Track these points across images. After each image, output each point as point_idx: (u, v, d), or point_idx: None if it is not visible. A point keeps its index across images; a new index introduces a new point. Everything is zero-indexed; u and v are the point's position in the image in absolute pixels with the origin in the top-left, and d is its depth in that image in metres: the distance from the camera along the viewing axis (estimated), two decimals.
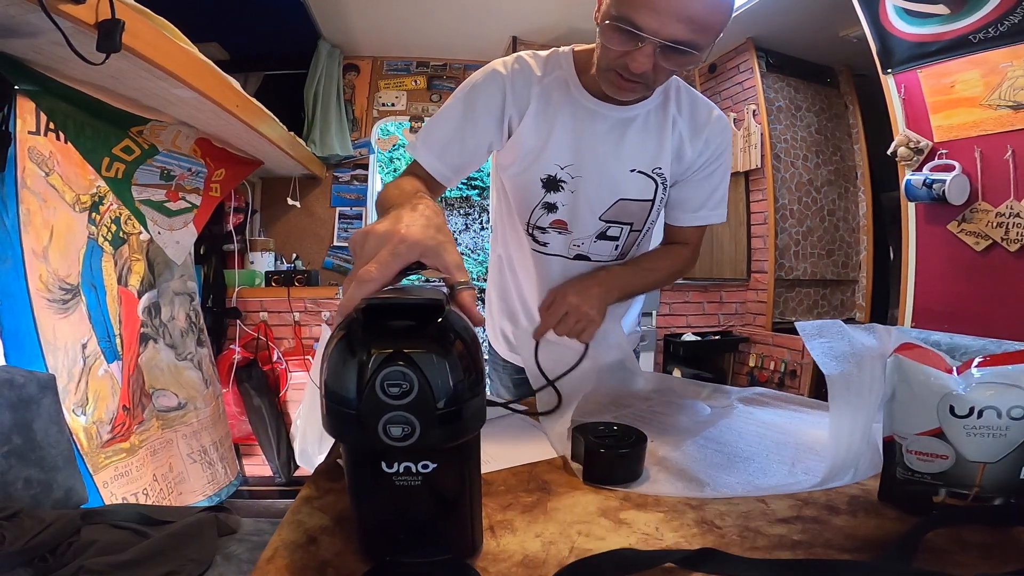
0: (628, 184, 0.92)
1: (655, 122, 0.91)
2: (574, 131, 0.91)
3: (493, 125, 0.91)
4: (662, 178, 0.93)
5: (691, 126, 0.92)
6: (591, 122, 0.90)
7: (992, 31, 1.72)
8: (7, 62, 1.36)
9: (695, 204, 0.97)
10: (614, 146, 0.91)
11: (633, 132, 0.91)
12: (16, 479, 1.24)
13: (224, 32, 2.69)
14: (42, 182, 1.58)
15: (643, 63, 0.74)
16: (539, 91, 0.90)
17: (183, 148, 2.08)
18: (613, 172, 0.92)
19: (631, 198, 0.93)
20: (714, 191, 0.97)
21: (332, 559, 0.43)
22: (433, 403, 0.37)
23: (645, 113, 0.91)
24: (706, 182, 0.96)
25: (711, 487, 0.55)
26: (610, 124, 0.90)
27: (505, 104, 0.90)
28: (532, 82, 0.90)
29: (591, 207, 0.94)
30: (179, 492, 2.12)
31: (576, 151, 0.91)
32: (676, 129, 0.92)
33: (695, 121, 0.92)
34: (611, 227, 0.96)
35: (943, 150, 1.92)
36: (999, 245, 1.80)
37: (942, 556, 0.42)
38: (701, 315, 3.43)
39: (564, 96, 0.90)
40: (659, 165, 0.92)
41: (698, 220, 0.99)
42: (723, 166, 0.96)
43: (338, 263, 3.29)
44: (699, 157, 0.93)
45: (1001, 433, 0.45)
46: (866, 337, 0.51)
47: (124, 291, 1.97)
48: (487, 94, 0.90)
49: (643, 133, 0.91)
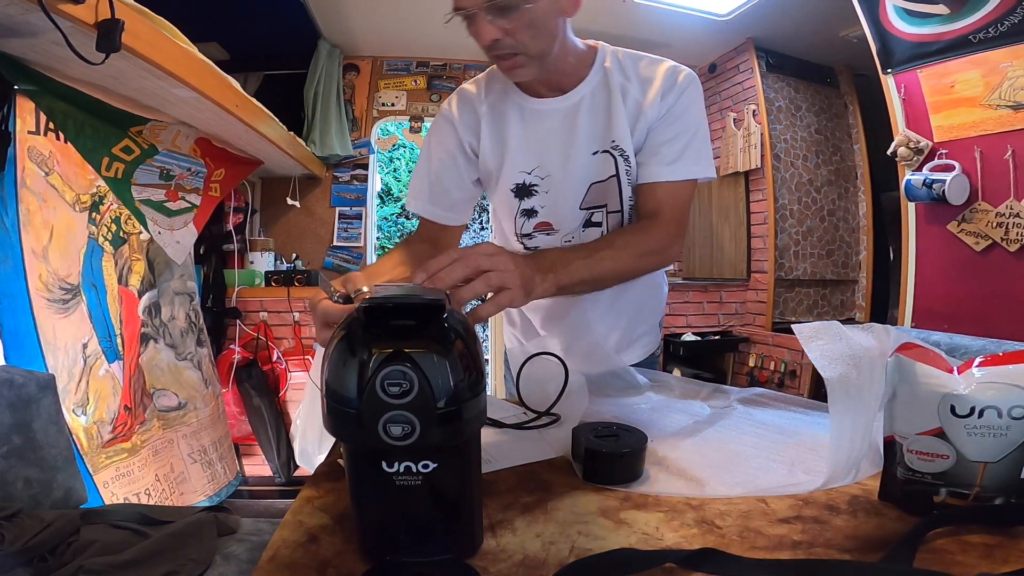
0: (593, 167, 0.92)
1: (600, 98, 0.91)
2: (526, 135, 0.93)
3: (461, 160, 0.97)
4: (619, 151, 0.91)
5: (642, 88, 0.90)
6: (540, 121, 0.93)
7: (992, 31, 1.72)
8: (7, 62, 1.36)
9: (671, 154, 0.88)
10: (569, 135, 0.92)
11: (583, 115, 0.91)
12: (16, 479, 1.24)
13: (224, 32, 2.69)
14: (42, 182, 1.58)
15: (485, 33, 0.77)
16: (486, 109, 0.95)
17: (183, 148, 2.08)
18: (576, 160, 0.92)
19: (599, 180, 0.93)
20: (691, 141, 0.89)
21: (333, 558, 0.43)
22: (433, 403, 0.37)
23: (589, 93, 0.91)
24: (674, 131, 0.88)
25: (711, 487, 0.55)
26: (559, 116, 0.92)
27: (460, 138, 0.96)
28: (476, 105, 0.95)
29: (569, 201, 0.95)
30: (180, 492, 2.12)
31: (536, 153, 0.93)
32: (629, 97, 0.89)
33: (645, 82, 0.90)
34: (594, 212, 0.96)
35: (943, 150, 1.92)
36: (999, 245, 1.80)
37: (943, 556, 0.42)
38: (701, 315, 3.43)
39: (508, 105, 0.94)
40: (614, 139, 0.90)
41: (677, 173, 0.88)
42: (693, 117, 0.90)
43: (338, 263, 3.29)
44: (660, 111, 0.89)
45: (1002, 433, 0.45)
46: (864, 338, 0.50)
47: (124, 291, 1.97)
48: (440, 136, 0.97)
49: (591, 113, 0.91)
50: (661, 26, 2.92)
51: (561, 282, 0.71)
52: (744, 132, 3.26)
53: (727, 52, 3.35)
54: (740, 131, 3.29)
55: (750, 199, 3.36)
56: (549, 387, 0.75)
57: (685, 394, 0.88)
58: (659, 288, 1.13)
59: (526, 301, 0.65)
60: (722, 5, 2.72)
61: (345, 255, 3.29)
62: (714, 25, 2.89)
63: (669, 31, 2.99)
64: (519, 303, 0.63)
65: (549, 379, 0.76)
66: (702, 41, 3.20)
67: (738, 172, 3.34)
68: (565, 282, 0.72)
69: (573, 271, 0.73)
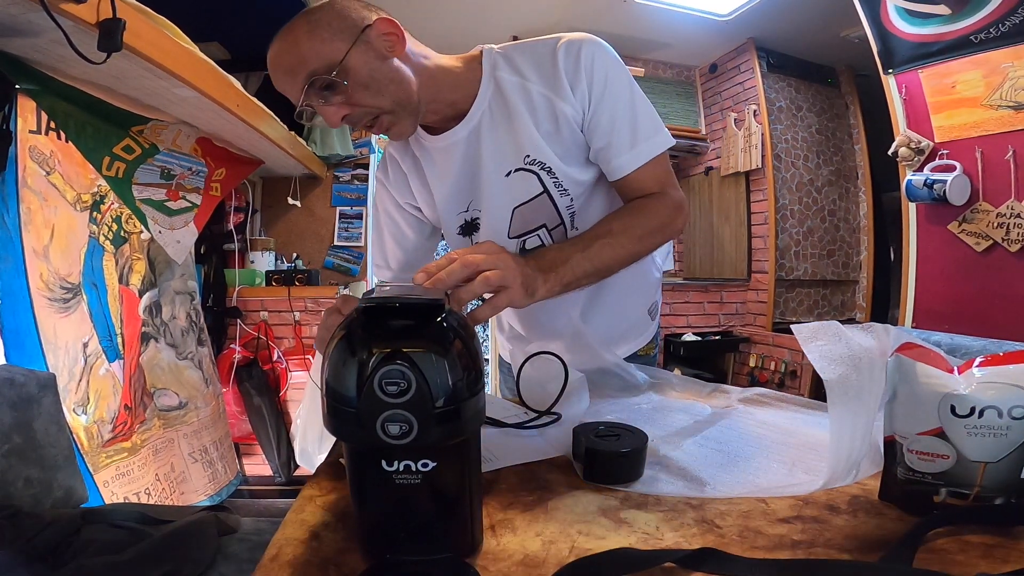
0: (511, 190, 0.85)
1: (499, 113, 0.83)
2: (441, 176, 0.89)
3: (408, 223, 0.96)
4: (538, 164, 0.83)
5: (544, 79, 0.81)
6: (445, 156, 0.87)
7: (993, 31, 1.72)
8: (8, 61, 1.36)
9: (625, 140, 0.81)
10: (475, 163, 0.85)
11: (484, 137, 0.84)
12: (16, 478, 1.24)
13: (225, 32, 2.69)
14: (43, 181, 1.58)
15: (332, 117, 0.74)
16: (409, 162, 0.93)
17: (184, 147, 2.08)
18: (490, 188, 0.85)
19: (524, 200, 0.86)
20: (634, 115, 0.81)
21: (334, 556, 0.43)
22: (431, 402, 0.37)
23: (487, 109, 0.83)
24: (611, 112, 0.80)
25: (711, 487, 0.55)
26: (461, 147, 0.85)
27: (397, 202, 0.95)
28: (400, 162, 0.93)
29: (499, 232, 0.89)
30: (181, 492, 2.12)
31: (456, 191, 0.89)
32: (533, 96, 0.81)
33: (544, 70, 0.80)
34: (527, 238, 0.90)
35: (944, 150, 1.92)
36: (1000, 245, 1.80)
37: (943, 556, 0.42)
38: (701, 315, 3.43)
39: (418, 150, 0.91)
40: (527, 153, 0.82)
41: (642, 156, 0.81)
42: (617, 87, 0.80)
43: (338, 262, 3.29)
44: (581, 101, 0.80)
45: (1002, 433, 0.44)
46: (864, 338, 0.50)
47: (125, 290, 1.97)
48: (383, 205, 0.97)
49: (493, 132, 0.83)
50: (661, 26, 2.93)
51: (564, 279, 0.69)
52: (745, 132, 3.26)
53: (728, 52, 3.35)
54: (741, 131, 3.29)
55: (751, 199, 3.36)
56: (549, 386, 0.75)
57: (686, 394, 0.88)
58: (647, 273, 1.03)
59: (527, 302, 0.64)
60: (723, 5, 2.72)
61: (346, 255, 3.30)
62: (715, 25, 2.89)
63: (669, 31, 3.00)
64: (519, 303, 0.63)
65: (549, 378, 0.76)
66: (703, 41, 3.21)
67: (739, 172, 3.34)
68: (568, 279, 0.70)
69: (575, 265, 0.70)
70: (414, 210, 0.95)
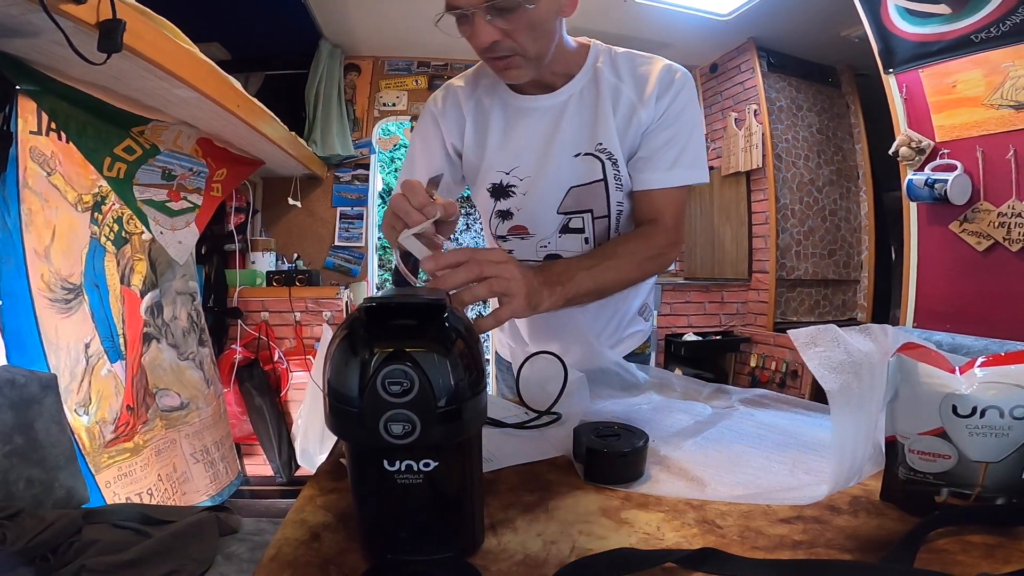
0: (574, 170, 0.90)
1: (589, 98, 0.88)
2: (507, 133, 0.91)
3: (444, 162, 0.95)
4: (607, 154, 0.88)
5: (636, 88, 0.87)
6: (523, 119, 0.90)
7: (994, 31, 1.71)
8: (8, 62, 1.36)
9: (667, 160, 0.87)
10: (551, 135, 0.89)
11: (569, 116, 0.88)
12: (18, 479, 1.24)
13: (225, 32, 2.70)
14: (44, 182, 1.58)
15: (483, 34, 0.74)
16: (472, 106, 0.93)
17: (184, 148, 2.08)
18: (556, 161, 0.90)
19: (581, 183, 0.90)
20: (687, 146, 0.88)
21: (335, 556, 0.43)
22: (433, 401, 0.37)
23: (578, 92, 0.89)
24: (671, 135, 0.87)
25: (712, 488, 0.55)
26: (542, 115, 0.90)
27: (442, 133, 0.94)
28: (464, 101, 0.93)
29: (546, 203, 0.93)
30: (183, 492, 2.12)
31: (516, 152, 0.91)
32: (622, 97, 0.87)
33: (639, 81, 0.87)
34: (572, 218, 0.94)
35: (945, 150, 1.92)
36: (1001, 245, 1.79)
37: (944, 556, 0.42)
38: (702, 315, 3.42)
39: (494, 100, 0.92)
40: (600, 141, 0.87)
41: (674, 179, 0.87)
42: (689, 118, 0.88)
43: (339, 263, 3.29)
44: (656, 113, 0.87)
45: (1004, 433, 0.44)
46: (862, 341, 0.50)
47: (127, 291, 1.97)
48: (425, 129, 0.96)
49: (578, 113, 0.88)
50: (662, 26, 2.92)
51: (568, 294, 0.72)
52: (745, 132, 3.26)
53: (728, 52, 3.35)
54: (741, 131, 3.29)
55: (752, 199, 3.36)
56: (549, 386, 0.75)
57: (687, 394, 0.88)
58: None
59: (529, 313, 0.65)
60: (723, 5, 2.71)
61: (346, 255, 3.30)
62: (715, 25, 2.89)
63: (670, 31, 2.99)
64: (521, 314, 0.63)
65: (549, 378, 0.76)
66: (703, 41, 3.20)
67: (739, 172, 3.33)
68: (572, 294, 0.72)
69: (580, 282, 0.73)
70: (454, 152, 0.96)
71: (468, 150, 0.94)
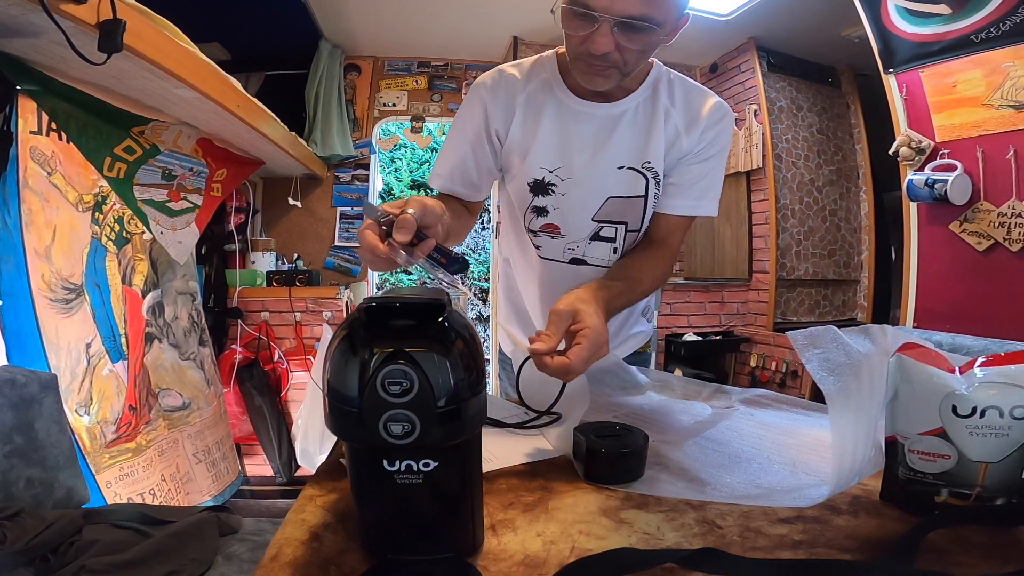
0: (617, 181, 0.91)
1: (644, 116, 0.90)
2: (559, 133, 0.91)
3: (487, 147, 0.94)
4: (652, 172, 0.90)
5: (686, 117, 0.90)
6: (576, 122, 0.90)
7: (994, 31, 1.71)
8: (9, 62, 1.36)
9: (696, 191, 0.92)
10: (602, 144, 0.90)
11: (622, 128, 0.90)
12: (18, 479, 1.24)
13: (225, 32, 2.69)
14: (44, 182, 1.58)
15: (603, 43, 0.74)
16: (524, 98, 0.92)
17: (185, 148, 2.08)
18: (601, 170, 0.91)
19: (621, 195, 0.92)
20: (714, 181, 0.93)
21: (335, 556, 0.43)
22: (433, 401, 0.37)
23: (634, 108, 0.90)
24: (706, 169, 0.92)
25: (712, 487, 0.55)
26: (597, 122, 0.90)
27: (487, 118, 0.93)
28: (516, 92, 0.92)
29: (582, 208, 0.93)
30: (186, 492, 2.12)
31: (563, 153, 0.91)
32: (670, 121, 0.90)
33: (691, 111, 0.90)
34: (604, 227, 0.95)
35: (945, 150, 1.92)
36: (1001, 245, 1.79)
37: (944, 556, 0.42)
38: (702, 315, 3.42)
39: (548, 98, 0.91)
40: (648, 159, 0.90)
41: (697, 210, 0.93)
42: (724, 156, 0.94)
43: (339, 263, 3.29)
44: (697, 145, 0.90)
45: (1004, 433, 0.44)
46: (861, 342, 0.50)
47: (128, 290, 1.97)
48: (471, 112, 0.94)
49: (632, 128, 0.90)
50: None
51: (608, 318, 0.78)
52: (746, 132, 3.26)
53: (728, 52, 3.35)
54: (742, 131, 3.29)
55: (752, 199, 3.36)
56: (549, 386, 0.75)
57: (687, 394, 0.88)
58: None
59: None
60: (723, 5, 2.71)
61: (347, 255, 3.30)
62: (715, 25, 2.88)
63: None
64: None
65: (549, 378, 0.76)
66: (703, 41, 3.20)
67: (740, 172, 3.33)
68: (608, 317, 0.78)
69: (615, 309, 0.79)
70: (496, 140, 0.95)
71: (513, 140, 0.93)
